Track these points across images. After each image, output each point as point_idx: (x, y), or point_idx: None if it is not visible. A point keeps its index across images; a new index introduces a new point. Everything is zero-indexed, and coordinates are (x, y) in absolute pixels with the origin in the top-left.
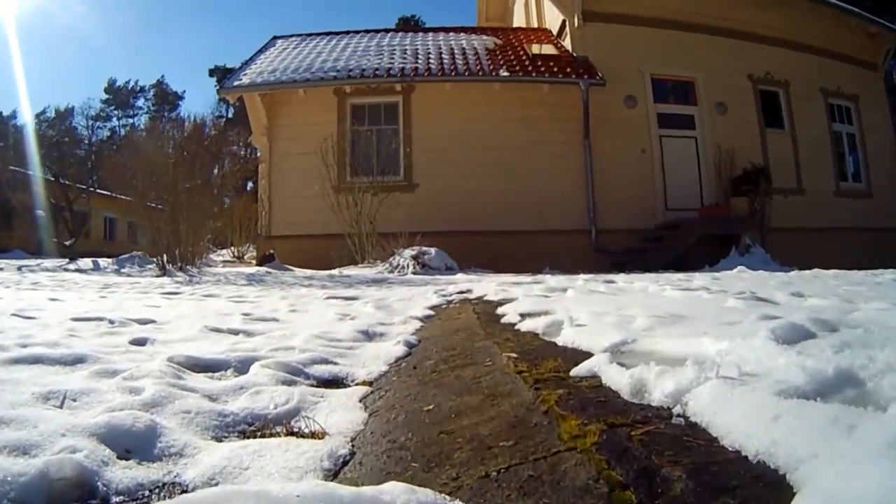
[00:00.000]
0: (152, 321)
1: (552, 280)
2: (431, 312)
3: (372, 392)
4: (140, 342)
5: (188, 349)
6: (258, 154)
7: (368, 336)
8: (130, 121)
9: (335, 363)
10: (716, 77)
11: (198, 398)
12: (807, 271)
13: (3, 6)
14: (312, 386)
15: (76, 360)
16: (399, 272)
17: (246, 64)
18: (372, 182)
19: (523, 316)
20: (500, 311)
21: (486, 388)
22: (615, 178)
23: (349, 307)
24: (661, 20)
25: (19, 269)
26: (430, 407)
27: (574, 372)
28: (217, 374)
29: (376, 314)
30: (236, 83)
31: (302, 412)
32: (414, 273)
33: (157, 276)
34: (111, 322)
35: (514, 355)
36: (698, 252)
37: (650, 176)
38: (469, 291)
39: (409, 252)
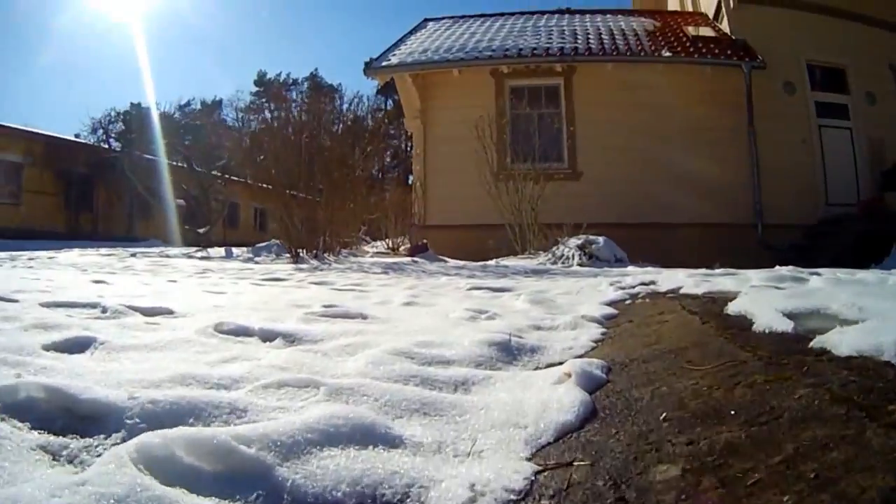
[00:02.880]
0: (169, 312)
1: (749, 273)
2: (612, 311)
3: None
4: (77, 345)
5: (108, 372)
6: (412, 138)
7: (508, 353)
8: (282, 113)
9: (392, 442)
10: (863, 65)
11: None
12: None
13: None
14: None
15: None
16: (563, 263)
17: (395, 45)
18: (533, 168)
19: (795, 318)
20: (732, 310)
21: None
22: (777, 169)
23: (493, 301)
24: (811, 4)
25: (133, 255)
26: None
27: None
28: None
29: (530, 312)
30: (384, 63)
31: None
32: (580, 265)
33: (286, 264)
34: (103, 310)
35: None
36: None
37: (811, 168)
38: (653, 283)
39: (574, 241)
